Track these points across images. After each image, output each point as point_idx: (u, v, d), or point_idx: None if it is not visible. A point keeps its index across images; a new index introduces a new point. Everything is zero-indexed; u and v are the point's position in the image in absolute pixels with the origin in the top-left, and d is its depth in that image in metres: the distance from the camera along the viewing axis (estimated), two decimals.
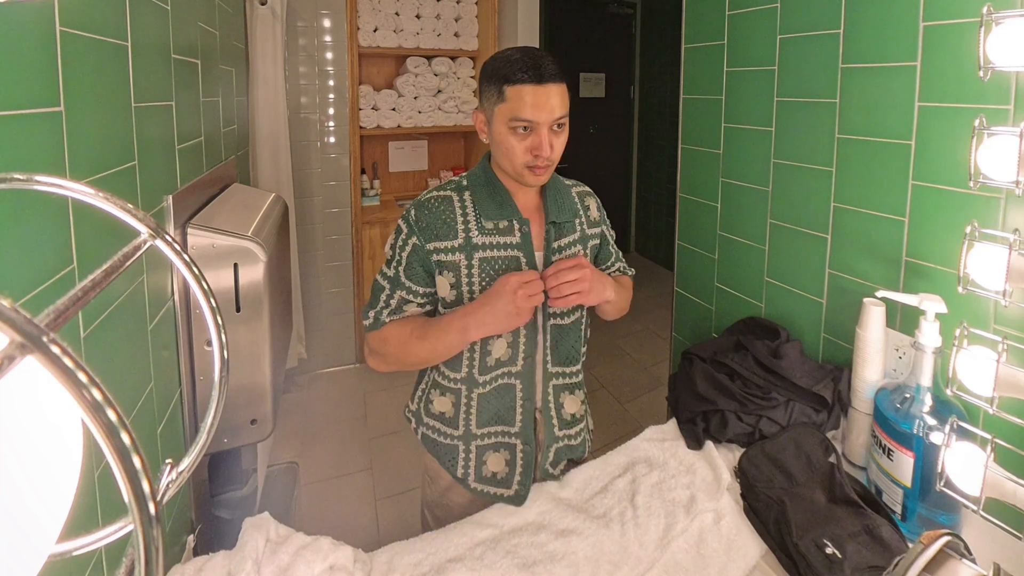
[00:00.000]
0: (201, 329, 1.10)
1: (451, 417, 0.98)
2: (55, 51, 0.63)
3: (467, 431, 0.98)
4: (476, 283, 0.92)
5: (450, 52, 3.08)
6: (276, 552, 0.79)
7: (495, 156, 0.95)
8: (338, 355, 2.88)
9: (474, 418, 0.97)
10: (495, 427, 0.97)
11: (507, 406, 0.97)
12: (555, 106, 0.86)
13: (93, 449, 0.25)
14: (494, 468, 0.97)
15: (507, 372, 0.96)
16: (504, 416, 0.97)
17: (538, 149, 0.87)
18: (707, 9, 1.51)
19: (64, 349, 0.21)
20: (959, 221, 0.93)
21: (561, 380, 1.00)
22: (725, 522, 0.90)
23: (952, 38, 0.94)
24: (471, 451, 0.98)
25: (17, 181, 0.35)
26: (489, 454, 0.98)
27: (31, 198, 0.58)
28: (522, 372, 0.96)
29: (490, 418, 0.97)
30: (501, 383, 0.96)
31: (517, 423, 0.97)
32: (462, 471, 0.99)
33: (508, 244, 0.93)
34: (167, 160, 1.05)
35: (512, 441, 0.98)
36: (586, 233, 1.03)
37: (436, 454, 1.02)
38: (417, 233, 0.92)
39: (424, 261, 0.93)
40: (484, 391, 0.96)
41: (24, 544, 0.24)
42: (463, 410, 0.97)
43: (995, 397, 0.75)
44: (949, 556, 0.58)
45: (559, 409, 1.00)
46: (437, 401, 1.00)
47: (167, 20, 1.07)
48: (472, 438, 0.98)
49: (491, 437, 0.98)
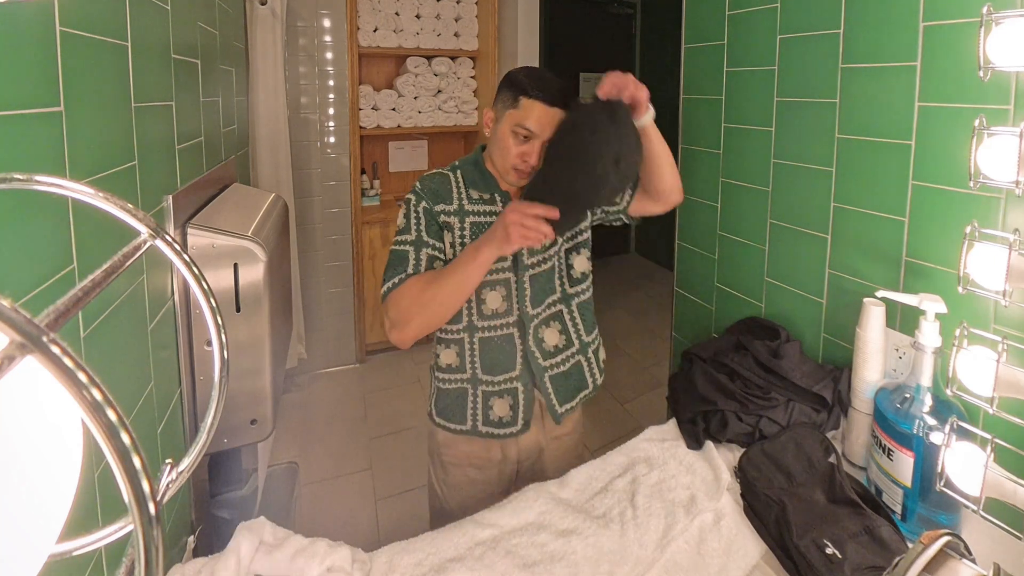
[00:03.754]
0: (201, 329, 1.10)
1: (457, 366, 1.10)
2: (55, 51, 0.63)
3: (474, 375, 1.09)
4: (468, 242, 1.04)
5: (450, 52, 3.08)
6: (272, 554, 0.79)
7: (491, 150, 1.07)
8: (338, 355, 2.89)
9: (479, 362, 1.09)
10: (498, 375, 1.09)
11: (508, 354, 1.09)
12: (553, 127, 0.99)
13: (93, 449, 0.25)
14: (500, 413, 1.10)
15: (505, 323, 1.08)
16: (506, 364, 1.09)
17: (528, 156, 1.00)
18: (707, 9, 1.51)
19: (64, 349, 0.21)
20: (959, 221, 0.92)
21: (539, 318, 1.10)
22: (725, 522, 0.90)
23: (952, 38, 0.94)
24: (478, 395, 1.10)
25: (17, 181, 0.35)
26: (495, 400, 1.09)
27: (31, 198, 0.58)
28: (518, 321, 1.08)
29: (493, 365, 1.08)
30: (501, 333, 1.08)
31: (517, 367, 1.09)
32: (471, 418, 1.10)
33: (492, 212, 1.07)
34: (167, 160, 1.05)
35: (514, 385, 1.09)
36: None
37: (447, 409, 1.12)
38: (425, 198, 1.05)
39: (435, 220, 1.05)
40: (484, 335, 1.08)
41: (24, 544, 0.24)
42: (468, 356, 1.09)
43: (995, 397, 0.75)
44: (949, 556, 0.58)
45: (539, 343, 1.10)
46: (443, 355, 1.11)
47: (167, 20, 1.07)
48: (479, 383, 1.09)
49: (495, 385, 1.09)
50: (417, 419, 2.46)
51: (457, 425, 1.11)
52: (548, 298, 1.11)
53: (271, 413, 1.20)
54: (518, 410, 1.09)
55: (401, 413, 2.51)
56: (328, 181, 2.79)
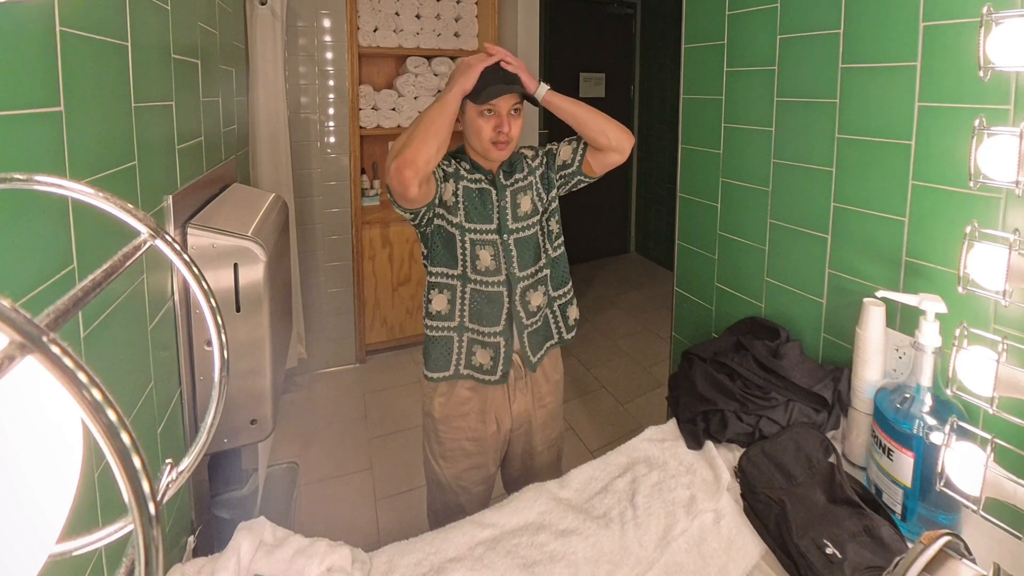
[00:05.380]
0: (201, 329, 1.10)
1: (447, 313, 1.20)
2: (55, 51, 0.63)
3: (461, 323, 1.20)
4: (461, 203, 1.18)
5: (450, 52, 3.08)
6: (272, 554, 0.79)
7: (468, 142, 1.21)
8: (338, 355, 2.88)
9: (468, 312, 1.19)
10: (483, 327, 1.19)
11: (495, 310, 1.19)
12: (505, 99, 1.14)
13: (93, 449, 0.25)
14: (481, 360, 1.21)
15: (496, 281, 1.19)
16: (492, 318, 1.19)
17: (499, 127, 1.13)
18: (707, 9, 1.51)
19: (64, 349, 0.21)
20: (959, 221, 0.92)
21: (527, 281, 1.21)
22: (725, 522, 0.90)
23: (952, 38, 0.94)
24: (463, 342, 1.21)
25: (17, 181, 0.35)
26: (477, 348, 1.21)
27: (31, 198, 0.58)
28: (506, 282, 1.19)
29: (481, 316, 1.19)
30: (491, 290, 1.19)
31: (501, 323, 1.20)
32: (455, 362, 1.21)
33: (479, 179, 1.21)
34: (167, 160, 1.05)
35: (496, 340, 1.20)
36: (531, 166, 1.26)
37: (432, 359, 1.22)
38: None
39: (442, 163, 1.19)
40: (476, 288, 1.19)
41: (24, 544, 0.24)
42: (458, 304, 1.20)
43: (995, 397, 0.75)
44: (949, 556, 0.58)
45: (525, 304, 1.21)
46: (435, 300, 1.21)
47: (167, 20, 1.07)
48: (464, 330, 1.20)
49: (479, 335, 1.20)
50: (417, 419, 2.46)
51: (441, 373, 1.21)
52: (536, 263, 1.23)
53: (271, 413, 1.20)
54: (498, 361, 1.21)
55: (401, 413, 2.51)
56: (328, 181, 2.79)
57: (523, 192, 1.22)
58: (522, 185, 1.23)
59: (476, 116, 1.15)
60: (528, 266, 1.22)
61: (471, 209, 1.18)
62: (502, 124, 1.13)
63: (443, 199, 1.18)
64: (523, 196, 1.22)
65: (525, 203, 1.22)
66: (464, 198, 1.19)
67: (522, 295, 1.21)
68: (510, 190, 1.21)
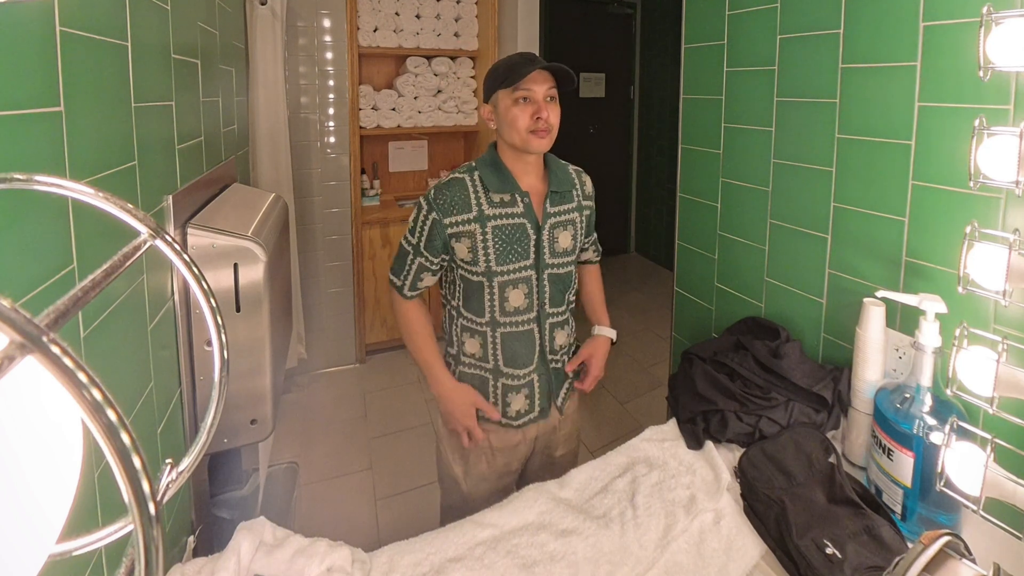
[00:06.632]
0: (201, 329, 1.10)
1: (481, 356, 1.17)
2: (55, 51, 0.63)
3: (496, 367, 1.17)
4: (491, 246, 1.10)
5: (450, 52, 3.08)
6: (272, 554, 0.79)
7: (503, 134, 1.13)
8: (338, 355, 2.88)
9: (501, 355, 1.16)
10: (517, 369, 1.16)
11: (527, 348, 1.16)
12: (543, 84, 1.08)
13: (93, 449, 0.25)
14: (517, 407, 1.18)
15: (527, 319, 1.15)
16: (524, 358, 1.16)
17: (539, 113, 1.07)
18: (707, 9, 1.51)
19: (64, 349, 0.21)
20: (959, 221, 0.92)
21: (555, 319, 1.19)
22: (725, 522, 0.90)
23: (952, 38, 0.94)
24: (499, 388, 1.17)
25: (17, 181, 0.35)
26: (512, 395, 1.18)
27: (31, 198, 0.58)
28: (538, 317, 1.16)
29: (512, 358, 1.16)
30: (523, 328, 1.15)
31: (535, 361, 1.17)
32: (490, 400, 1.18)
33: (514, 214, 1.11)
34: (167, 160, 1.05)
35: (530, 378, 1.18)
36: (582, 204, 1.22)
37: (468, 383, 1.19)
38: (436, 210, 1.10)
39: (441, 234, 1.11)
40: (506, 331, 1.15)
41: (24, 544, 0.24)
42: (491, 348, 1.16)
43: (995, 397, 0.75)
44: (949, 556, 0.58)
45: (552, 341, 1.19)
46: (468, 343, 1.18)
47: (167, 20, 1.07)
48: (500, 375, 1.17)
49: (514, 379, 1.17)
50: (417, 419, 2.46)
51: None
52: (564, 303, 1.21)
53: (271, 413, 1.19)
54: (534, 400, 1.19)
55: (401, 413, 2.51)
56: (328, 181, 2.79)
57: (563, 228, 1.16)
58: (564, 220, 1.17)
59: (511, 105, 1.08)
60: (558, 303, 1.18)
61: (502, 251, 1.10)
62: (540, 110, 1.06)
63: (458, 261, 1.12)
64: (563, 232, 1.16)
65: (564, 239, 1.16)
66: (496, 240, 1.10)
67: (550, 331, 1.18)
68: (551, 222, 1.14)
